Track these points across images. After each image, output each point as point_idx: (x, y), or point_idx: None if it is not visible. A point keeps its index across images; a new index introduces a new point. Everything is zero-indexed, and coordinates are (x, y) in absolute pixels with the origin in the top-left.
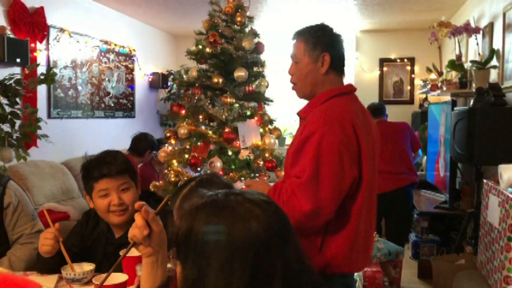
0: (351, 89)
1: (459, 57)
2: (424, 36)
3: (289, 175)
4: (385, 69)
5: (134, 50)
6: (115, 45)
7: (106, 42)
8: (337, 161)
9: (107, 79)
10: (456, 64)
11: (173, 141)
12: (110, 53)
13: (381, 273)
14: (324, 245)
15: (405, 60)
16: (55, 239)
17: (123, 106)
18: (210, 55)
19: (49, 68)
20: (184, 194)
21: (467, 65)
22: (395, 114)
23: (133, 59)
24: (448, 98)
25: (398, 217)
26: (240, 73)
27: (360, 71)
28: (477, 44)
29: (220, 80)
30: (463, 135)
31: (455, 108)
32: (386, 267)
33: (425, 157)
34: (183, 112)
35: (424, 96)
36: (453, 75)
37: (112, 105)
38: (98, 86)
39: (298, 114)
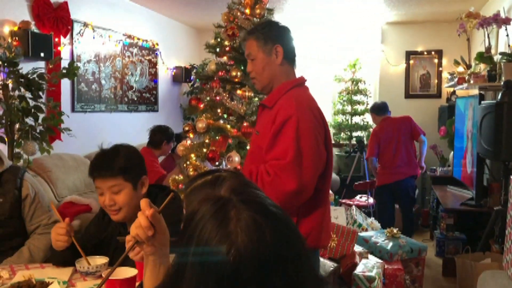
0: (305, 80)
1: (488, 49)
2: (453, 28)
3: (262, 160)
4: (411, 62)
5: (157, 44)
6: (138, 39)
7: (129, 36)
8: (314, 142)
9: (130, 73)
10: (485, 57)
11: (191, 135)
12: (133, 47)
13: (403, 271)
14: (299, 224)
15: (433, 52)
16: (67, 234)
17: (146, 100)
18: (229, 48)
19: (71, 62)
20: (196, 186)
21: (497, 57)
22: (422, 108)
23: (156, 53)
24: (476, 92)
25: (402, 208)
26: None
27: (385, 64)
28: (507, 35)
29: (239, 74)
30: (490, 130)
31: (482, 102)
32: (408, 265)
33: (451, 152)
34: (202, 106)
35: (451, 89)
36: (482, 68)
37: (136, 99)
38: (121, 80)
39: (263, 103)
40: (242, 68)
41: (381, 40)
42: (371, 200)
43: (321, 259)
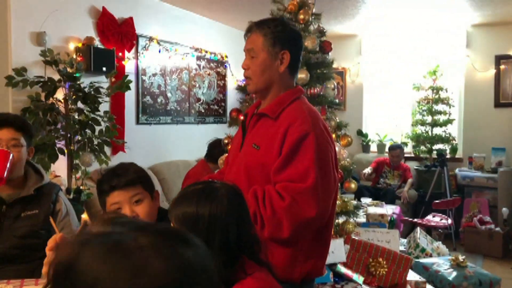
0: (303, 91)
1: None
2: None
3: (264, 178)
4: (502, 67)
5: (226, 56)
6: (206, 52)
7: (196, 49)
8: (331, 165)
9: (197, 85)
10: None
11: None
12: (201, 60)
13: None
14: (307, 256)
15: None
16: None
17: (214, 112)
18: None
19: (124, 76)
20: (178, 197)
21: None
22: None
23: (225, 65)
24: None
25: None
26: (300, 75)
27: (471, 70)
28: None
29: None
30: None
31: None
32: None
33: None
34: (242, 117)
35: None
36: None
37: (203, 111)
38: (188, 92)
39: (264, 113)
40: None
41: (466, 44)
42: (449, 221)
43: None
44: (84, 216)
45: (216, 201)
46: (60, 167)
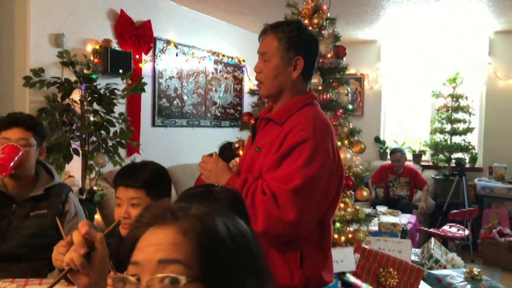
0: (316, 96)
1: None
2: None
3: (263, 178)
4: None
5: (243, 60)
6: (223, 56)
7: (214, 53)
8: (325, 173)
9: (214, 89)
10: None
11: (241, 152)
12: (218, 64)
13: None
14: (304, 260)
15: None
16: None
17: (230, 115)
18: None
19: (139, 78)
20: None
21: None
22: None
23: (242, 70)
24: None
25: None
26: (312, 80)
27: (493, 78)
28: None
29: None
30: None
31: None
32: None
33: None
34: (253, 121)
35: None
36: None
37: (219, 114)
38: (204, 96)
39: (271, 118)
40: None
41: (488, 52)
42: (466, 232)
43: None
44: (97, 216)
45: (214, 205)
46: (74, 167)
